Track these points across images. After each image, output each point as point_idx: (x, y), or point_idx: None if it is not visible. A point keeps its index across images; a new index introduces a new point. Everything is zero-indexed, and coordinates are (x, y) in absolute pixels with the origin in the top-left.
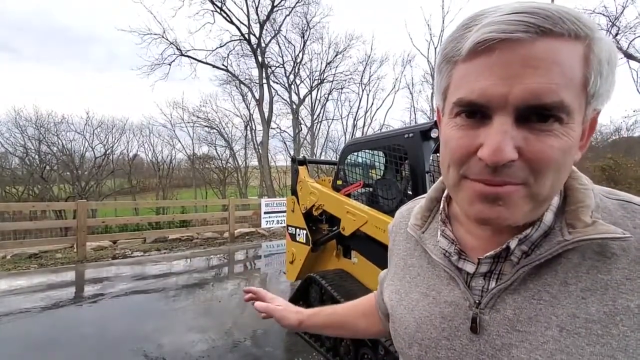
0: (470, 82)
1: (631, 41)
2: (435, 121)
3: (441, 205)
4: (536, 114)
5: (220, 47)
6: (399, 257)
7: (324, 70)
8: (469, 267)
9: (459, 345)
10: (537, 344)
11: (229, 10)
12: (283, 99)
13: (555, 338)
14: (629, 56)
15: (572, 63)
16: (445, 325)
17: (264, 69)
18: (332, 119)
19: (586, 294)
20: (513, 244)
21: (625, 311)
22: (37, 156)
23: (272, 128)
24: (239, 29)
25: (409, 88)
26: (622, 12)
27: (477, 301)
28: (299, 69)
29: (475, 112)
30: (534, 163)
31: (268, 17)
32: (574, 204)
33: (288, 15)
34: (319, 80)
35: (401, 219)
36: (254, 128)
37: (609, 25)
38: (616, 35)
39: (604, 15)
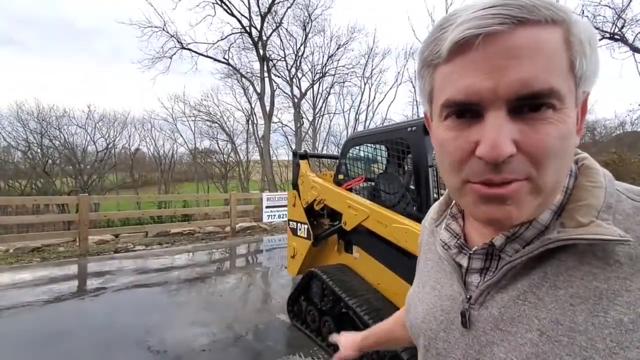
0: (455, 81)
1: (637, 34)
2: None
3: (454, 200)
4: (528, 105)
5: (221, 40)
6: (422, 250)
7: (325, 64)
8: (465, 262)
9: (453, 338)
10: (515, 345)
11: (230, 3)
12: (284, 92)
13: (533, 342)
14: (635, 49)
15: (555, 48)
16: (443, 318)
17: (265, 62)
18: (334, 113)
19: (575, 300)
20: (498, 240)
21: (617, 325)
22: (39, 150)
23: (273, 122)
24: (240, 21)
25: (411, 81)
26: (628, 5)
27: (469, 296)
28: (300, 63)
29: (464, 112)
30: (534, 154)
31: (269, 9)
32: (574, 202)
33: (289, 7)
34: (321, 74)
35: (430, 212)
36: (255, 122)
37: (615, 18)
38: (622, 27)
39: (610, 7)
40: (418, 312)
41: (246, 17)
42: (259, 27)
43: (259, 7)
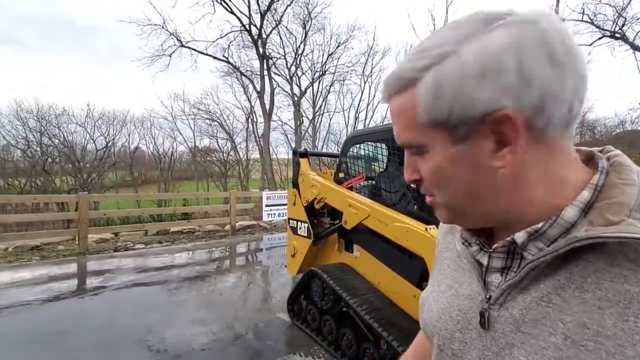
0: None
1: (638, 32)
2: None
3: None
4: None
5: (221, 38)
6: (439, 250)
7: (325, 62)
8: (485, 260)
9: (469, 339)
10: (537, 348)
11: (230, 0)
12: (284, 91)
13: (557, 346)
14: (635, 48)
15: (408, 108)
16: (460, 318)
17: (265, 61)
18: (334, 112)
19: (604, 304)
20: (520, 237)
21: None
22: (38, 148)
23: (273, 120)
24: (239, 19)
25: None
26: (629, 3)
27: (489, 296)
28: (300, 61)
29: None
30: (426, 181)
31: (269, 7)
32: (603, 200)
33: (289, 5)
34: (321, 72)
35: None
36: (255, 120)
37: (615, 16)
38: (623, 26)
39: (610, 5)
40: (433, 311)
41: (246, 15)
42: (258, 25)
43: (258, 5)
